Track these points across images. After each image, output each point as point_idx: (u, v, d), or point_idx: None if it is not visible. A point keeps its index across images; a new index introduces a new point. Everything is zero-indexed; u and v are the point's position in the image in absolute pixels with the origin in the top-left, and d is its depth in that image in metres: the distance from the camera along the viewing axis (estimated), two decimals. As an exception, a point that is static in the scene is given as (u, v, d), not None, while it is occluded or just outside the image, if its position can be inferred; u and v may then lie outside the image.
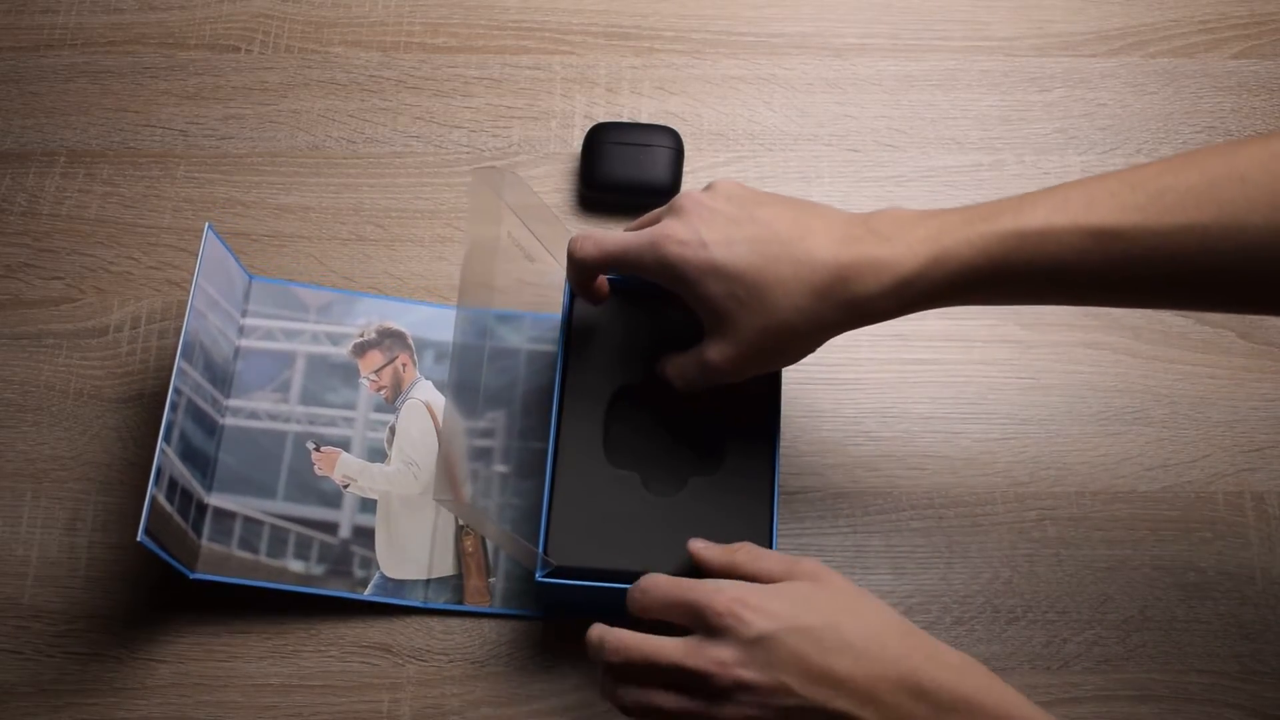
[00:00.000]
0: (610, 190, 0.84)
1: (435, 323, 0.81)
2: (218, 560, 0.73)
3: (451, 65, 0.90)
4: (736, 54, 0.90)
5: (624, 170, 0.83)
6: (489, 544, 0.76)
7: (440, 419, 0.79)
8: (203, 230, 0.85)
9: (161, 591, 0.76)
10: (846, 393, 0.80)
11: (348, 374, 0.79)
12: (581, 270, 0.68)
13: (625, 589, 0.67)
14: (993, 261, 0.59)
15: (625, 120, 0.87)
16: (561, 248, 0.77)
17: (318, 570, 0.74)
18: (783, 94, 0.89)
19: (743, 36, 0.91)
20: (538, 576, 0.68)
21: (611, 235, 0.66)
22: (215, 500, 0.75)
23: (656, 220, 0.67)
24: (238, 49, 0.90)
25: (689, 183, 0.86)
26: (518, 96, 0.89)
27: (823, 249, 0.61)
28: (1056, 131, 0.88)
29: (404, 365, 0.80)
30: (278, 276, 0.83)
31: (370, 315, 0.81)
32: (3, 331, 0.82)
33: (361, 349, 0.80)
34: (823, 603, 0.57)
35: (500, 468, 0.77)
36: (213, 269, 0.75)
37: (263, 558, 0.74)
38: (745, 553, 0.62)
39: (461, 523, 0.76)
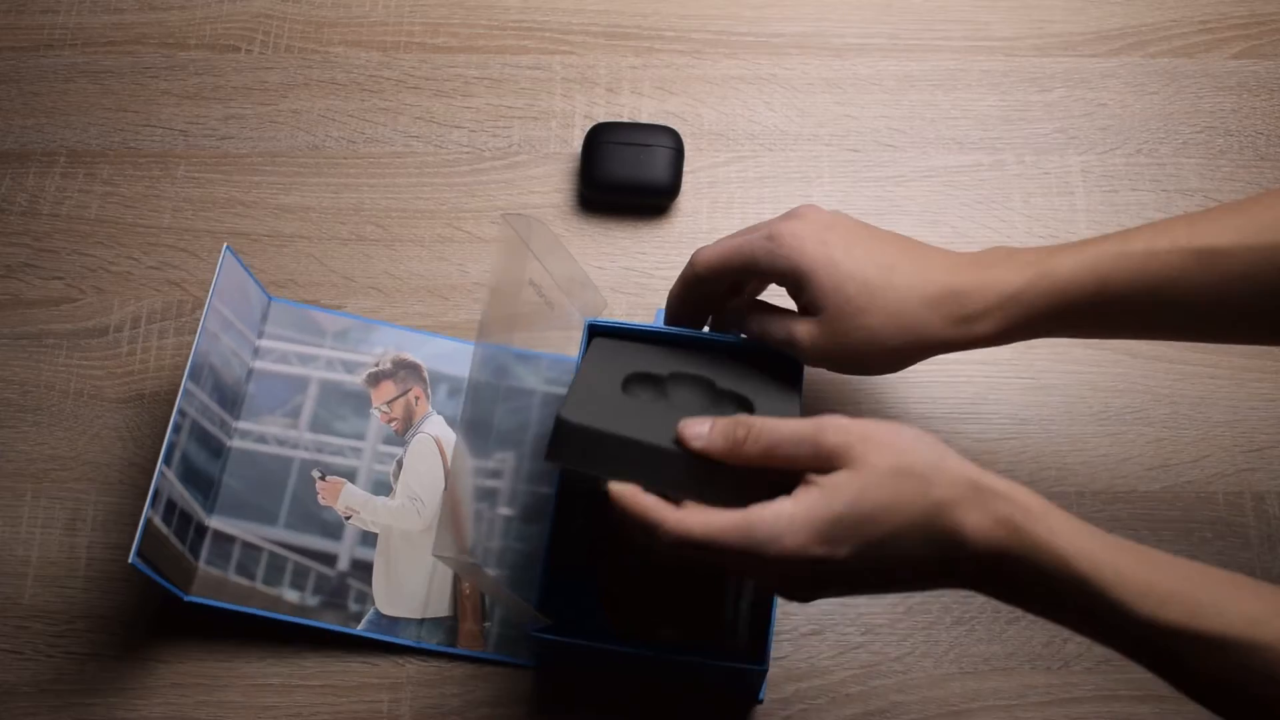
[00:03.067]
0: (610, 190, 0.84)
1: (452, 357, 0.80)
2: (214, 584, 0.72)
3: (451, 65, 0.90)
4: (736, 54, 0.90)
5: (624, 170, 0.83)
6: None
7: (449, 456, 0.77)
8: (201, 230, 0.85)
9: (160, 597, 0.75)
10: (847, 393, 0.80)
11: (359, 403, 0.78)
12: (697, 283, 0.68)
13: (625, 651, 0.66)
14: (1097, 277, 0.61)
15: (625, 120, 0.87)
16: (580, 294, 0.76)
17: (313, 601, 0.73)
18: (783, 94, 0.89)
19: (743, 36, 0.91)
20: (532, 631, 0.66)
21: (724, 240, 0.67)
22: (216, 523, 0.74)
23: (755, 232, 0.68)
24: (238, 49, 0.90)
25: (689, 183, 0.86)
26: (518, 96, 0.89)
27: (938, 269, 0.64)
28: (1056, 131, 0.88)
29: (417, 398, 0.79)
30: (278, 276, 0.83)
31: (387, 345, 0.80)
32: (3, 331, 0.82)
33: (375, 379, 0.79)
34: (859, 500, 0.55)
35: (505, 510, 0.76)
36: (229, 290, 0.74)
37: (259, 585, 0.73)
38: (754, 441, 0.57)
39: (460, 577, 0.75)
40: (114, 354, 0.81)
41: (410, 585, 0.75)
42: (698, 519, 0.55)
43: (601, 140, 0.84)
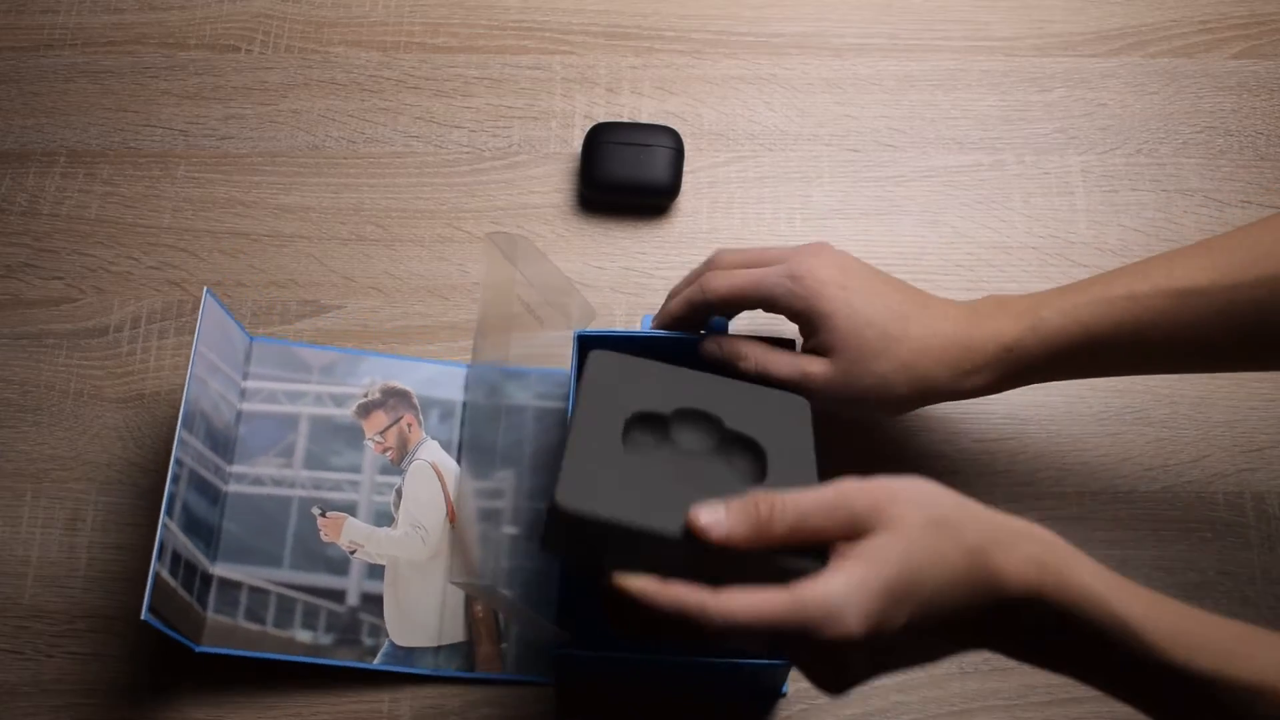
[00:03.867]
0: (610, 190, 0.84)
1: (440, 381, 0.80)
2: (224, 633, 0.71)
3: (451, 65, 0.90)
4: (736, 54, 0.90)
5: (624, 170, 0.83)
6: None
7: (447, 479, 0.77)
8: (201, 230, 0.85)
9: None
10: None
11: (352, 436, 0.78)
12: (706, 308, 0.69)
13: (645, 659, 0.65)
14: (1083, 326, 0.64)
15: (625, 120, 0.87)
16: (567, 304, 0.76)
17: (326, 640, 0.72)
18: (783, 94, 0.89)
19: (743, 36, 0.91)
20: (553, 653, 0.66)
21: (739, 271, 0.68)
22: (220, 570, 0.73)
23: (764, 262, 0.69)
24: (238, 49, 0.90)
25: (689, 183, 0.86)
26: (518, 96, 0.89)
27: (945, 321, 0.66)
28: (1056, 131, 0.88)
29: (409, 425, 0.78)
30: (278, 276, 0.83)
31: (374, 374, 0.79)
32: (3, 331, 0.82)
33: (366, 410, 0.78)
34: (900, 566, 0.51)
35: (510, 529, 0.75)
36: (212, 333, 0.74)
37: (270, 628, 0.72)
38: (780, 520, 0.52)
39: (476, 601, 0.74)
40: (114, 354, 0.81)
41: (422, 614, 0.74)
42: (742, 603, 0.50)
43: (601, 140, 0.84)
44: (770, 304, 0.67)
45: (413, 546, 0.75)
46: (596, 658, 0.67)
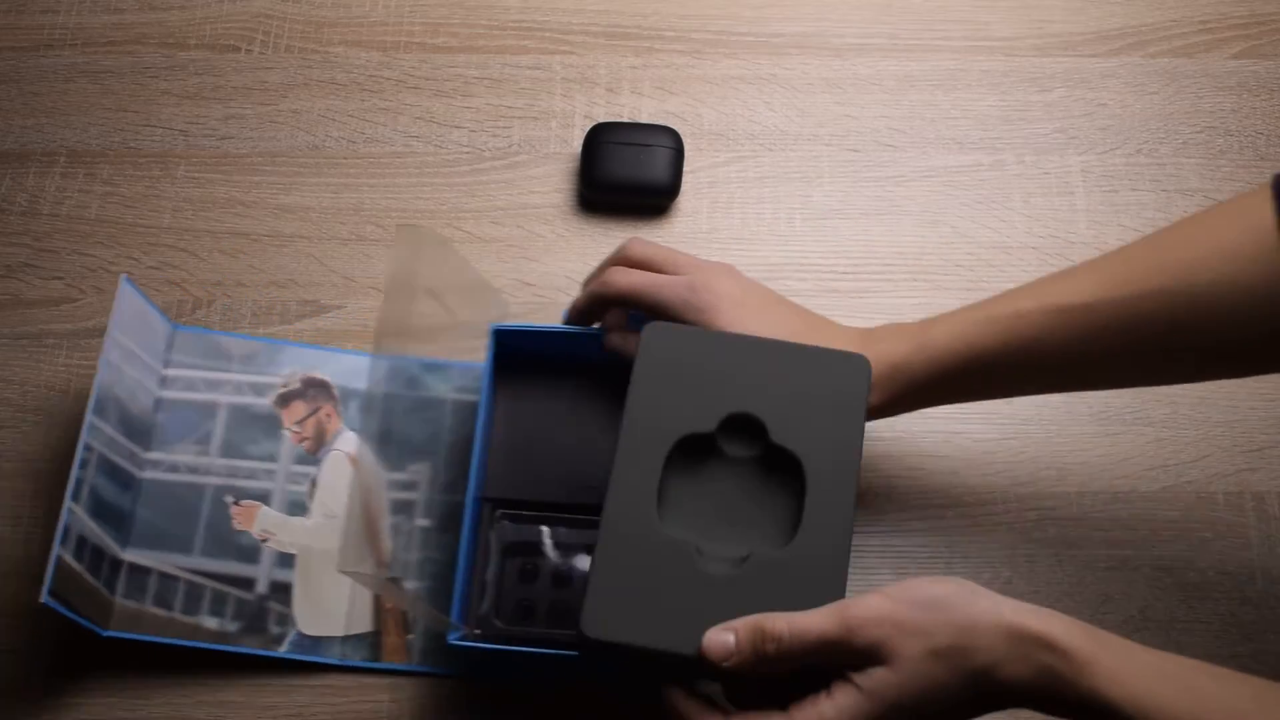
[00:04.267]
0: (610, 190, 0.84)
1: (361, 372, 0.80)
2: (131, 617, 0.72)
3: (451, 65, 0.90)
4: (736, 54, 0.90)
5: (624, 170, 0.83)
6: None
7: (367, 473, 0.77)
8: (201, 230, 0.85)
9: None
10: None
11: (270, 425, 0.78)
12: (603, 302, 0.71)
13: (537, 652, 0.66)
14: (970, 345, 0.64)
15: (625, 120, 0.87)
16: (483, 301, 0.77)
17: (232, 627, 0.73)
18: (783, 94, 0.89)
19: (743, 36, 0.91)
20: (451, 640, 0.66)
21: (641, 273, 0.70)
22: (131, 556, 0.73)
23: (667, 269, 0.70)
24: (238, 49, 0.90)
25: (689, 183, 0.86)
26: (518, 96, 0.89)
27: (839, 341, 0.66)
28: (1056, 131, 0.88)
29: (328, 416, 0.79)
30: (278, 276, 0.83)
31: (295, 365, 0.79)
32: (3, 331, 0.82)
33: (285, 399, 0.79)
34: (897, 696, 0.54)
35: (422, 521, 0.75)
36: (129, 321, 0.74)
37: (177, 614, 0.73)
38: (786, 656, 0.55)
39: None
40: (114, 354, 0.81)
41: (331, 603, 0.74)
42: None
43: (601, 140, 0.84)
44: (665, 311, 0.68)
45: (326, 536, 0.76)
46: (489, 648, 0.67)
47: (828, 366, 0.64)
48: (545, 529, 0.73)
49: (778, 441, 0.62)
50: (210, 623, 0.73)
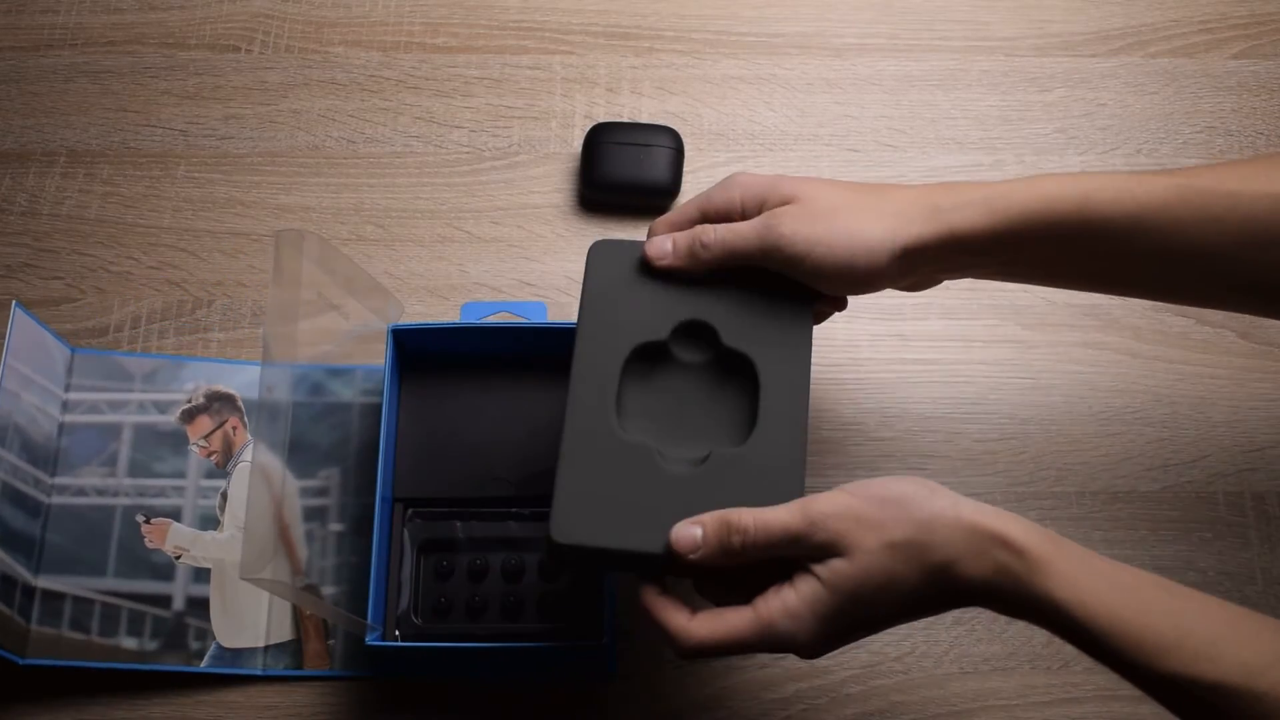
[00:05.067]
0: (610, 190, 0.84)
1: None
2: (49, 644, 0.71)
3: (451, 65, 0.90)
4: (736, 54, 0.90)
5: (624, 170, 0.83)
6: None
7: (273, 480, 0.77)
8: (201, 230, 0.85)
9: None
10: (846, 393, 0.80)
11: (177, 441, 0.78)
12: (704, 251, 0.65)
13: (456, 647, 0.67)
14: (1081, 192, 0.59)
15: (625, 120, 0.87)
16: (373, 300, 0.77)
17: (151, 645, 0.73)
18: (783, 94, 0.89)
19: (743, 36, 0.91)
20: (369, 641, 0.67)
21: (726, 226, 0.64)
22: (44, 582, 0.73)
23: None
24: (238, 49, 0.90)
25: (689, 183, 0.86)
26: (518, 96, 0.89)
27: (906, 208, 0.62)
28: (1056, 131, 0.88)
29: (234, 428, 0.79)
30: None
31: (198, 379, 0.79)
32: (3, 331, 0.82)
33: (190, 415, 0.79)
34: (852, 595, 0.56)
35: (336, 526, 0.76)
36: (24, 347, 0.74)
37: (94, 637, 0.72)
38: (750, 549, 0.56)
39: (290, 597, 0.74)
40: (114, 354, 0.81)
41: (249, 615, 0.74)
42: (706, 629, 0.57)
43: (601, 140, 0.84)
44: (757, 261, 0.63)
45: (239, 548, 0.75)
46: (405, 647, 0.68)
47: (769, 307, 0.64)
48: (458, 524, 0.74)
49: (730, 345, 0.63)
50: (129, 643, 0.73)
